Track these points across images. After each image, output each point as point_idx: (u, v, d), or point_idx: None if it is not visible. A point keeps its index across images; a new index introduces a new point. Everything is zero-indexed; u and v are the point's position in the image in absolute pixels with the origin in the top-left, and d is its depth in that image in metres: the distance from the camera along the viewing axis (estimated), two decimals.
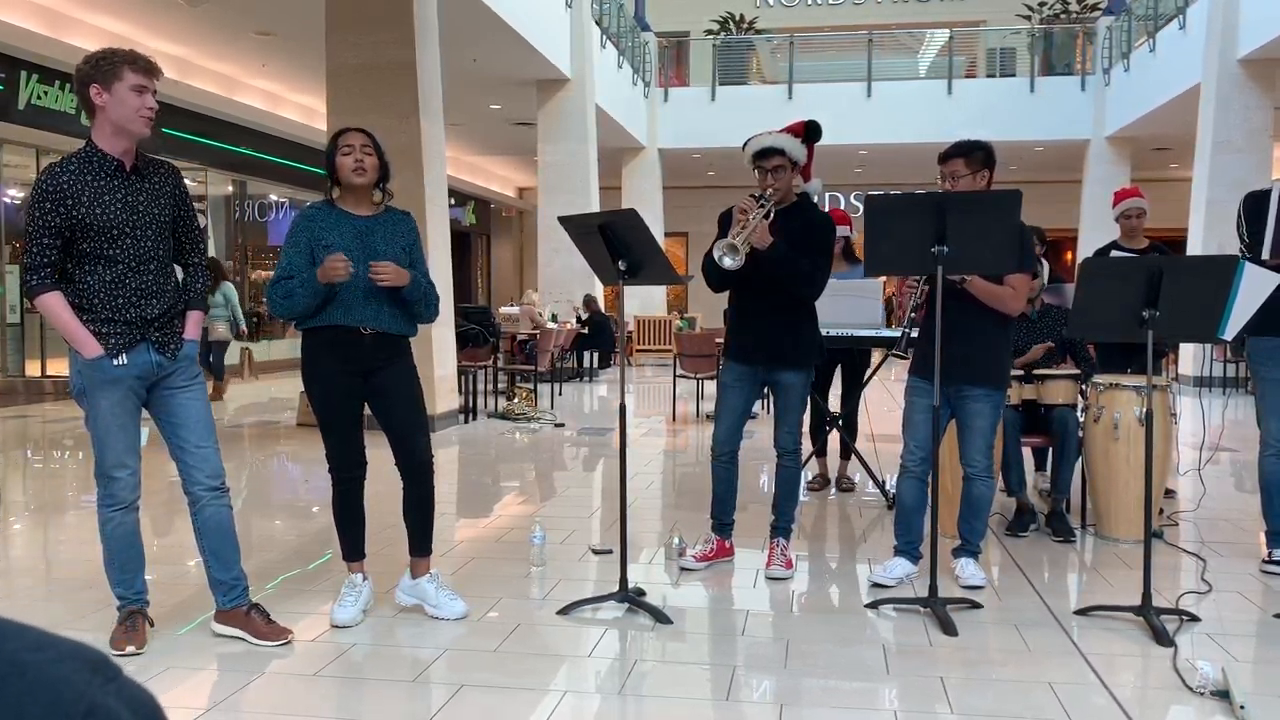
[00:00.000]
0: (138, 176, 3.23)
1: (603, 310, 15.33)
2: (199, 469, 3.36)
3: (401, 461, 3.69)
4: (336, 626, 3.60)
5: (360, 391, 3.64)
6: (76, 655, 0.45)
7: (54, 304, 3.14)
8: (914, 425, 4.10)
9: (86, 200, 3.11)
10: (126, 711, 0.44)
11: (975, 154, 4.05)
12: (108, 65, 3.10)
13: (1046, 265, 5.63)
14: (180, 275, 3.45)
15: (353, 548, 3.76)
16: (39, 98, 11.09)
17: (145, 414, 3.37)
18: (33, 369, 12.43)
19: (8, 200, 12.07)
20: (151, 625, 3.45)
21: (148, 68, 3.15)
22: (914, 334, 4.10)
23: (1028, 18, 20.45)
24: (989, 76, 20.48)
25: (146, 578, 3.48)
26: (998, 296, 3.97)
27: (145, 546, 3.50)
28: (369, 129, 3.66)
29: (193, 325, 3.39)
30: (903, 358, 4.07)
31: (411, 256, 3.63)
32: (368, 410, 3.68)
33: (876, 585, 4.12)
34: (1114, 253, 5.67)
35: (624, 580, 3.82)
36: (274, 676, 3.17)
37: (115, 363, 3.19)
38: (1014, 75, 19.81)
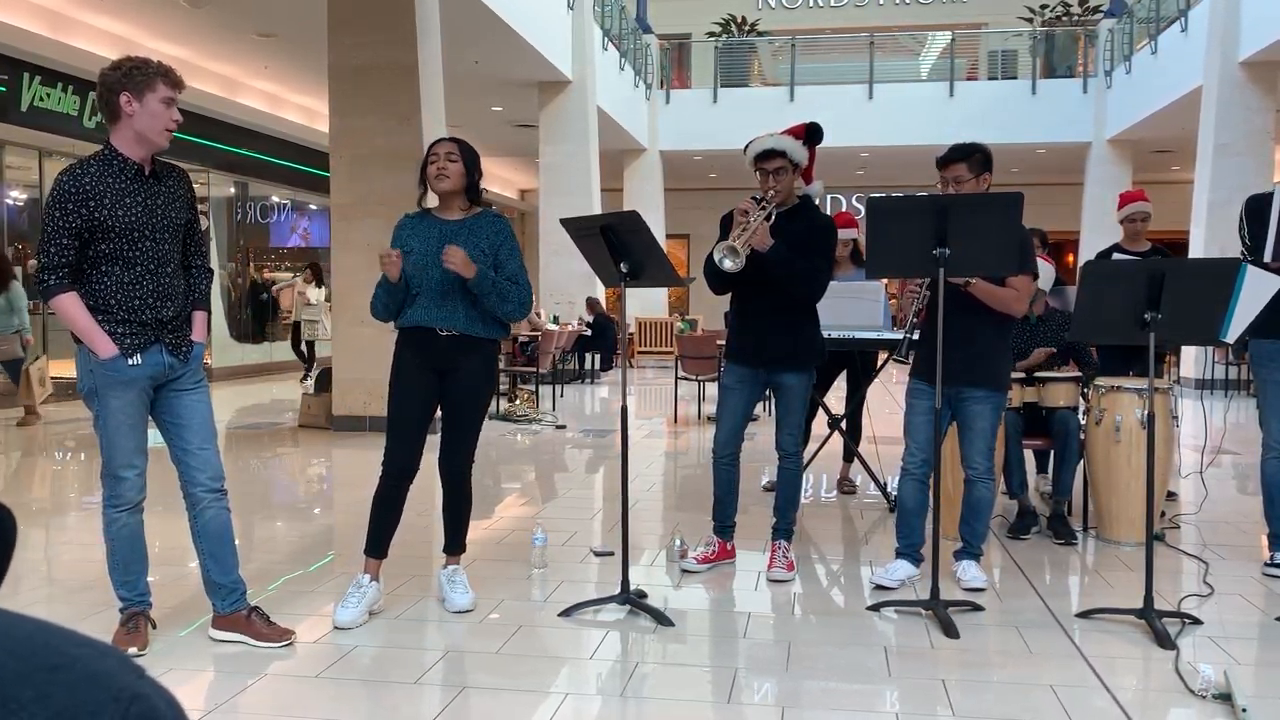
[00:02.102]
0: (155, 180, 3.26)
1: (606, 312, 15.34)
2: (200, 471, 3.36)
3: (442, 465, 3.82)
4: (338, 627, 3.60)
5: (435, 392, 3.73)
6: (112, 653, 0.49)
7: (69, 304, 3.15)
8: (915, 428, 4.10)
9: (108, 202, 3.13)
10: (161, 701, 0.47)
11: (975, 156, 4.06)
12: (141, 76, 3.13)
13: (1052, 267, 5.61)
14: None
15: (374, 543, 3.76)
16: (41, 99, 11.10)
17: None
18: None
19: (9, 202, 12.08)
20: (153, 627, 3.45)
21: (177, 81, 3.22)
22: (915, 337, 4.10)
23: (1029, 20, 20.45)
24: (990, 79, 20.46)
25: (148, 579, 3.47)
26: (1001, 298, 3.98)
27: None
28: (459, 138, 3.82)
29: (199, 326, 3.42)
30: (903, 362, 4.07)
31: (497, 257, 3.69)
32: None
33: (878, 587, 4.12)
34: (1116, 255, 5.67)
35: (625, 582, 3.82)
36: (275, 678, 3.17)
37: (130, 363, 3.20)
38: (1015, 77, 19.79)
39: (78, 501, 6.00)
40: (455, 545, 3.89)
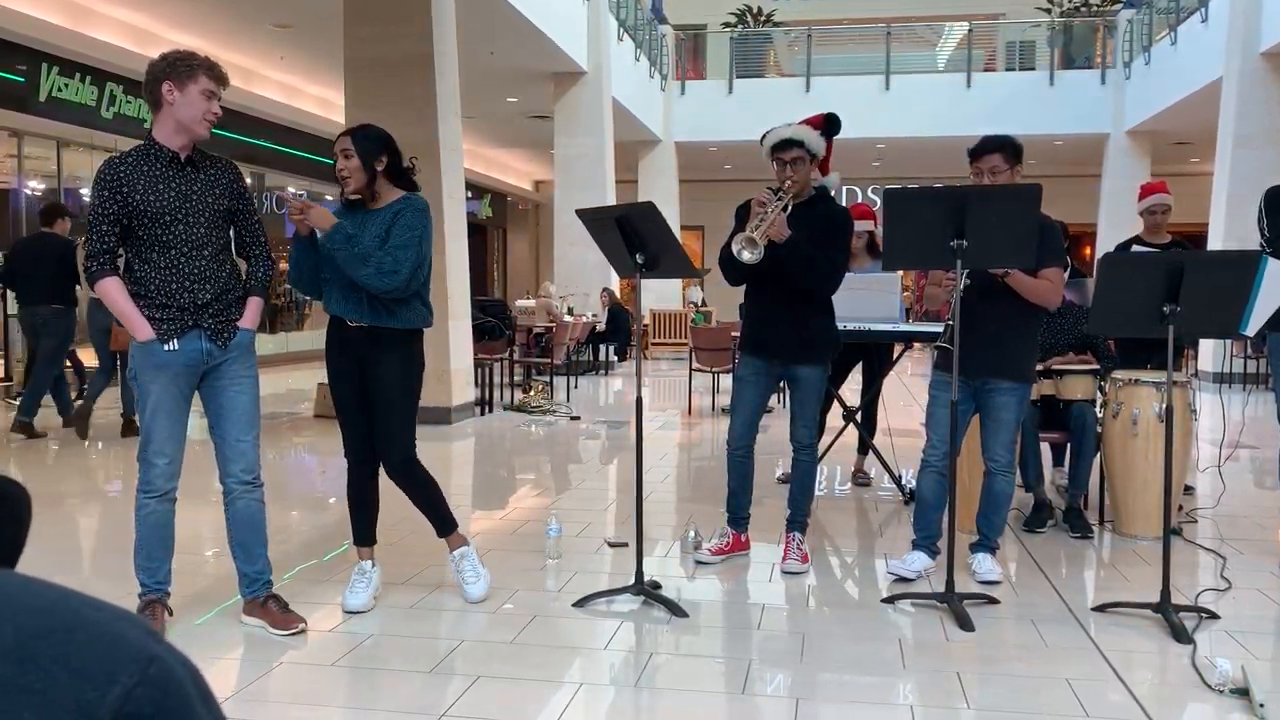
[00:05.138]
0: (193, 168, 3.34)
1: (620, 303, 15.33)
2: (235, 462, 3.44)
3: (384, 467, 3.75)
4: (349, 612, 3.64)
5: (360, 380, 3.69)
6: (128, 617, 0.50)
7: (111, 288, 3.27)
8: (938, 420, 4.08)
9: (142, 187, 3.24)
10: (177, 664, 0.48)
11: (1009, 148, 4.03)
12: (185, 66, 3.26)
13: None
14: (244, 267, 3.56)
15: (361, 533, 3.81)
16: (59, 90, 11.15)
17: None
18: None
19: (28, 192, 12.14)
20: (170, 615, 3.48)
21: (221, 76, 3.33)
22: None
23: (1047, 10, 20.30)
24: (1008, 70, 20.33)
25: (169, 567, 3.51)
26: (1036, 290, 3.95)
27: None
28: (370, 126, 3.67)
29: (251, 311, 3.48)
30: (949, 348, 4.03)
31: (390, 239, 3.55)
32: None
33: (897, 579, 4.11)
34: (1135, 248, 5.63)
35: (639, 573, 3.83)
36: (291, 666, 3.19)
37: (166, 348, 3.28)
38: (1033, 69, 19.66)
39: (96, 490, 6.03)
40: (444, 528, 3.83)
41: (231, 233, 3.49)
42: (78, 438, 7.67)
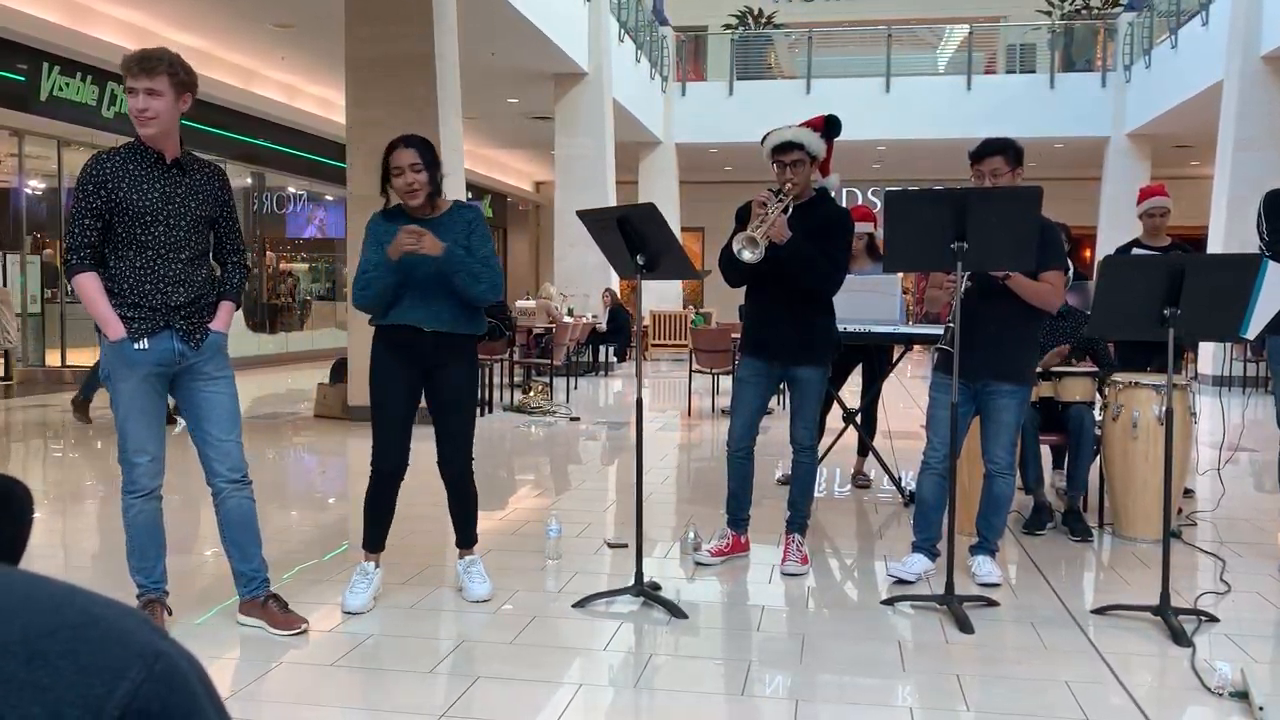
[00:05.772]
0: (179, 170, 3.33)
1: (621, 304, 15.33)
2: (220, 462, 3.42)
3: (443, 470, 3.83)
4: (348, 612, 3.64)
5: (419, 389, 3.74)
6: (135, 613, 0.51)
7: (88, 284, 3.25)
8: (938, 422, 4.08)
9: (126, 185, 3.23)
10: (182, 660, 0.49)
11: (1010, 150, 4.03)
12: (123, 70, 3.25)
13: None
14: (219, 272, 3.54)
15: (374, 539, 3.82)
16: (60, 89, 11.16)
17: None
18: (53, 359, 12.52)
19: (29, 191, 12.15)
20: (169, 614, 3.48)
21: (132, 71, 3.17)
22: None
23: (1048, 13, 20.32)
24: (1008, 72, 20.35)
25: (165, 566, 3.50)
26: (1037, 293, 3.95)
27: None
28: (420, 136, 3.70)
29: (223, 314, 3.46)
30: (949, 350, 4.04)
31: (469, 243, 3.64)
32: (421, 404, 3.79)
33: (897, 581, 4.11)
34: (1135, 251, 5.63)
35: (639, 574, 3.82)
36: (291, 666, 3.19)
37: (136, 346, 3.26)
38: (1033, 71, 19.68)
39: (94, 489, 6.03)
40: (466, 539, 3.91)
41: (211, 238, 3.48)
42: (79, 421, 8.30)
